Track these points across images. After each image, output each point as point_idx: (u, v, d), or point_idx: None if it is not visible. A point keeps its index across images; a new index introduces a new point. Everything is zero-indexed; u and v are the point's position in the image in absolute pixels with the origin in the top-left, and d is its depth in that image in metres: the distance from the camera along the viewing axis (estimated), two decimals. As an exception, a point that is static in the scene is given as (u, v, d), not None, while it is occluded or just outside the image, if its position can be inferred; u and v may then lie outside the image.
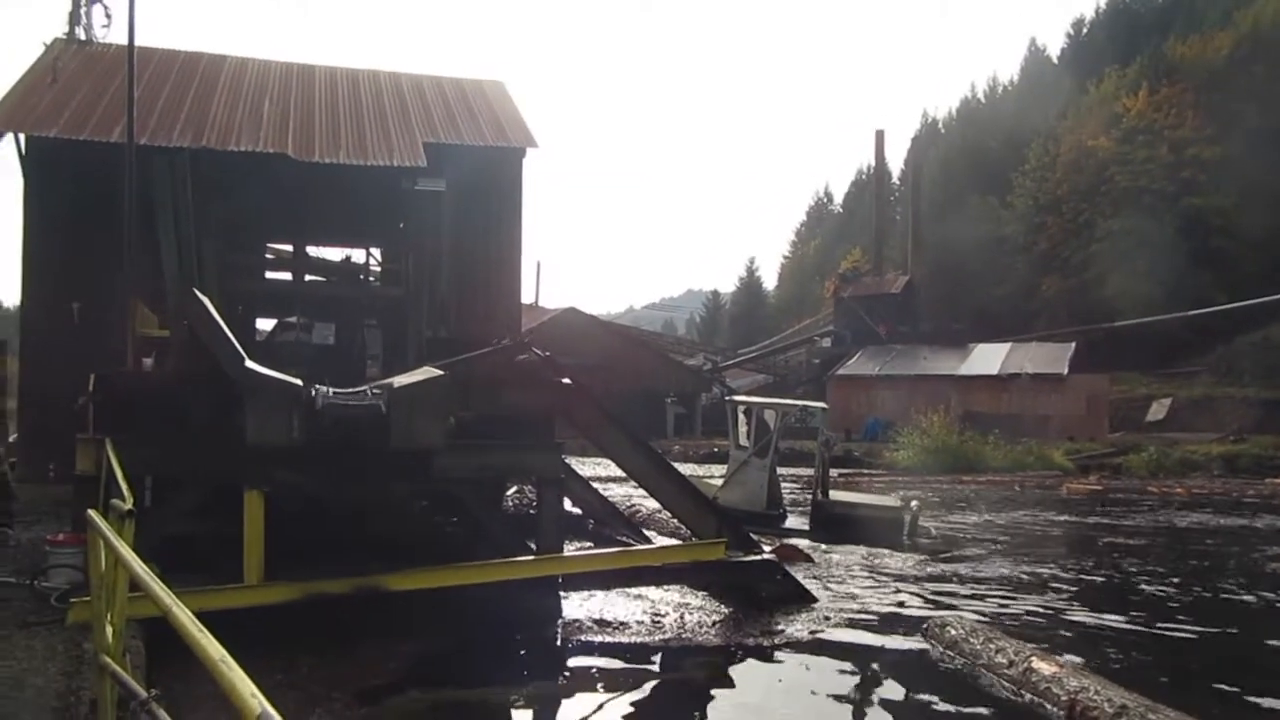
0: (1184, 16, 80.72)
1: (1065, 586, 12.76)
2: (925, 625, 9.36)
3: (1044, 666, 7.31)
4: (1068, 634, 9.83)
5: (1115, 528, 19.99)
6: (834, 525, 16.59)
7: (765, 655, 8.67)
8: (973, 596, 11.83)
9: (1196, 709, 6.62)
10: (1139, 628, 10.40)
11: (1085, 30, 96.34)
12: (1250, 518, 22.36)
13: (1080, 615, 10.93)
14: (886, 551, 15.05)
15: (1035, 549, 16.26)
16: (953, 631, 8.74)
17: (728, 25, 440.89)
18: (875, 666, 8.46)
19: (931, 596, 11.66)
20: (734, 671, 8.30)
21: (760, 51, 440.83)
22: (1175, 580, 13.39)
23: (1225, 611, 11.51)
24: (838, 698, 7.62)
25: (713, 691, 7.85)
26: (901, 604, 11.06)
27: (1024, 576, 13.37)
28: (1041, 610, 11.08)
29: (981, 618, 10.08)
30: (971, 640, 8.38)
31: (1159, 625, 10.65)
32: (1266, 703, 7.83)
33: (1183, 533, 19.31)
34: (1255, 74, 63.25)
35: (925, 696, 7.81)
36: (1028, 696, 7.14)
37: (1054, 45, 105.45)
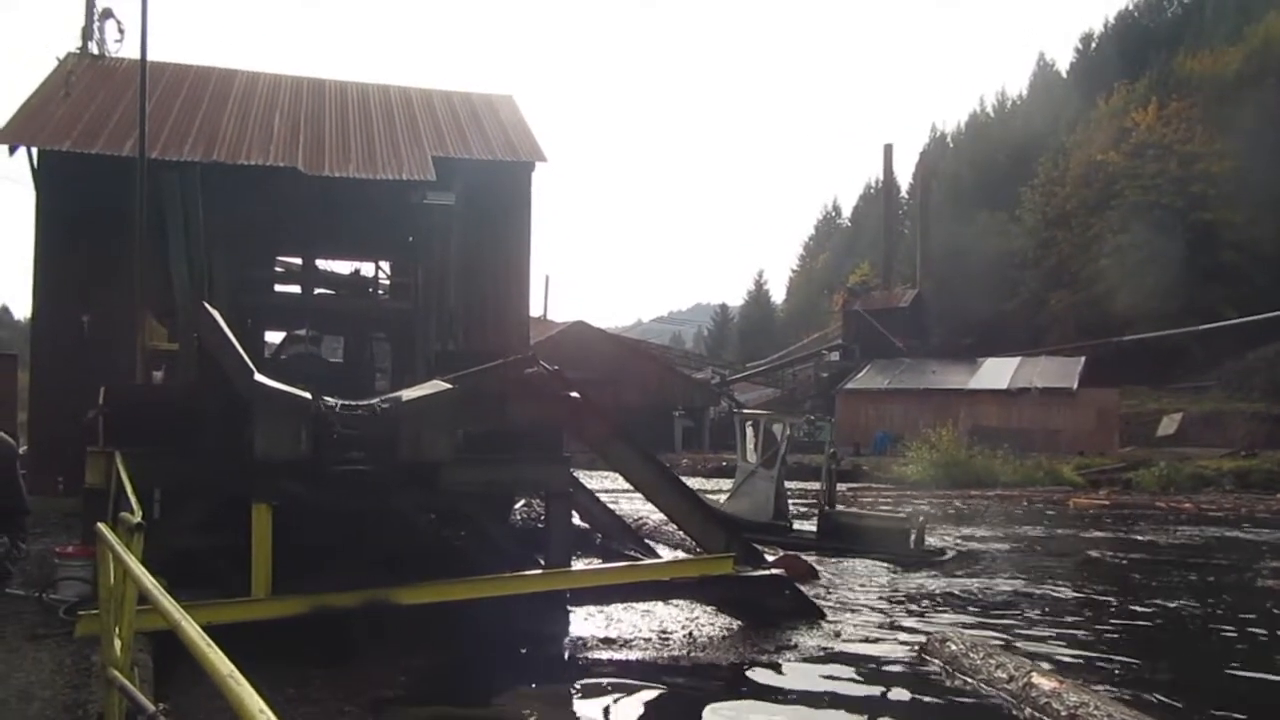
0: (1193, 31, 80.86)
1: (1068, 602, 12.72)
2: (926, 641, 9.35)
3: (1044, 682, 7.30)
4: (1069, 649, 9.79)
5: (1121, 542, 19.91)
6: (840, 537, 16.59)
7: (772, 671, 8.66)
8: (976, 611, 11.81)
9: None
10: (1140, 644, 10.36)
11: (1094, 45, 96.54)
12: (1260, 533, 22.24)
13: (1082, 631, 10.88)
14: (892, 565, 15.05)
15: (1039, 564, 16.21)
16: (953, 647, 8.74)
17: (737, 39, 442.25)
18: (878, 682, 8.44)
19: (935, 610, 11.65)
20: (742, 688, 8.28)
21: (769, 65, 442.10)
22: (1179, 597, 13.32)
23: (1230, 629, 11.45)
24: (841, 714, 7.61)
25: (721, 708, 7.84)
26: (905, 618, 11.04)
27: (1027, 591, 13.33)
28: (1043, 625, 11.05)
29: (983, 632, 10.07)
30: (971, 655, 8.37)
31: (1161, 642, 10.62)
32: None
33: (1189, 548, 19.21)
34: (1266, 88, 63.22)
35: (925, 712, 7.80)
36: (1028, 712, 7.12)
37: (1063, 59, 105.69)
